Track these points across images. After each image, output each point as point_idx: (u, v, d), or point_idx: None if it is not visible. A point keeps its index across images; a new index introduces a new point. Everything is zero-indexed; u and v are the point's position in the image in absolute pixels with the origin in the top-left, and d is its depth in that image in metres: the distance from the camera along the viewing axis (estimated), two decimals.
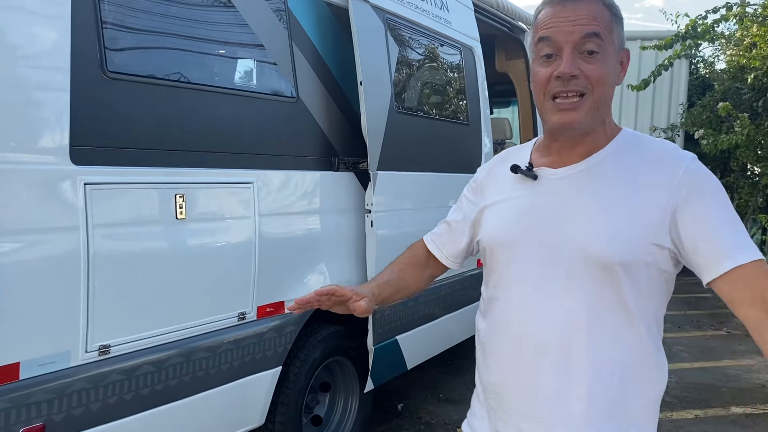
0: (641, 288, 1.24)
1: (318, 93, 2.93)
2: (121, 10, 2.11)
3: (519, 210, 1.35)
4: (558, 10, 1.24)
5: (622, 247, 1.21)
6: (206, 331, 2.38)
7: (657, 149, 1.28)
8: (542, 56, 1.26)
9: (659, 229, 1.20)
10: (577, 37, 1.21)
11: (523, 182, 1.37)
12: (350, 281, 3.10)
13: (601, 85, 1.23)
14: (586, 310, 1.24)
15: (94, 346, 2.01)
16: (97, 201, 1.99)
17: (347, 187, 3.10)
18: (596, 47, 1.22)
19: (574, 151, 1.31)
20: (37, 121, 1.87)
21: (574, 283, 1.25)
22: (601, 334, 1.24)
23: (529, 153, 1.42)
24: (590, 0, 1.24)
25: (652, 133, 9.72)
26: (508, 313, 1.34)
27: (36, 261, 1.87)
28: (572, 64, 1.21)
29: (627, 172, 1.26)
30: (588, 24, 1.21)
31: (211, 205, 2.39)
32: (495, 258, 1.39)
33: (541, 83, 1.26)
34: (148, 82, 2.17)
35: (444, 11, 3.90)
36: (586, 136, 1.29)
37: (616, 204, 1.23)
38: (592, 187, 1.27)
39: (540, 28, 1.27)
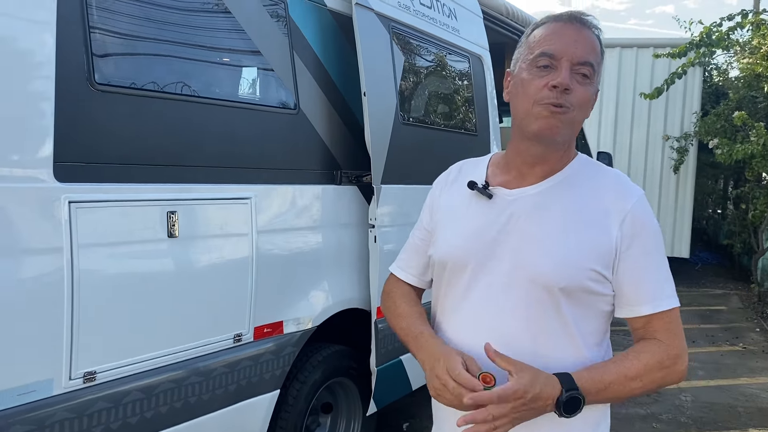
0: (583, 311, 1.30)
1: (320, 104, 2.83)
2: (111, 16, 2.01)
3: (471, 227, 1.38)
4: (563, 27, 1.29)
5: (567, 272, 1.27)
6: (200, 354, 2.27)
7: (610, 179, 1.35)
8: (539, 66, 1.28)
9: (605, 258, 1.28)
10: (577, 58, 1.26)
11: (478, 199, 1.40)
12: (352, 299, 2.99)
13: (583, 108, 1.29)
14: (530, 331, 1.30)
15: (78, 373, 1.91)
16: (82, 220, 1.89)
17: (350, 201, 2.99)
18: (588, 74, 1.28)
19: (534, 171, 1.35)
20: (19, 136, 1.77)
21: (519, 305, 1.30)
22: (544, 354, 1.29)
23: (485, 168, 1.45)
24: (591, 29, 1.31)
25: (666, 142, 9.57)
26: (458, 326, 1.38)
27: (15, 284, 1.76)
28: (570, 77, 1.25)
29: (578, 199, 1.32)
30: (588, 51, 1.27)
31: (205, 222, 2.28)
32: (445, 272, 1.42)
33: (535, 91, 1.27)
34: (138, 94, 2.07)
35: (452, 19, 3.79)
36: (553, 153, 1.33)
37: (565, 230, 1.29)
38: (543, 211, 1.32)
39: (541, 41, 1.29)
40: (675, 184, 9.71)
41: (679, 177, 9.65)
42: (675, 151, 9.44)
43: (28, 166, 1.79)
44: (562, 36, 1.28)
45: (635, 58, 9.73)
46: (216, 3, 2.36)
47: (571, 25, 1.29)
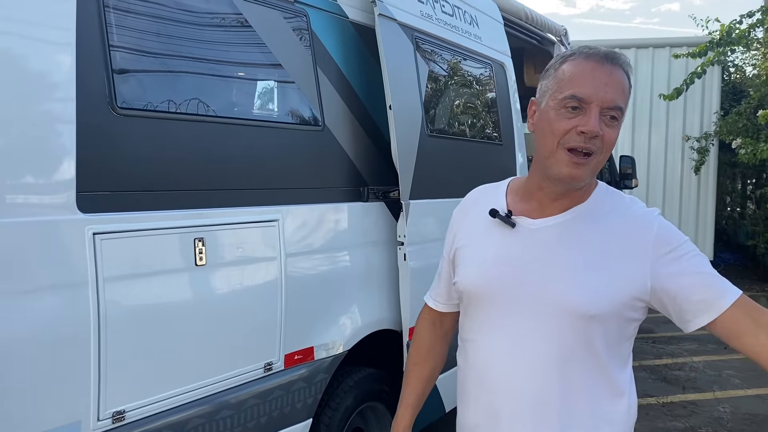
0: (611, 336, 1.31)
1: (345, 119, 2.73)
2: (131, 37, 1.92)
3: (495, 256, 1.38)
4: (595, 68, 1.26)
5: (603, 301, 1.27)
6: (230, 386, 2.17)
7: (632, 210, 1.36)
8: (568, 107, 1.26)
9: (638, 284, 1.28)
10: (608, 102, 1.24)
11: (500, 227, 1.39)
12: (383, 320, 2.88)
13: (608, 149, 1.28)
14: (558, 358, 1.30)
15: (107, 413, 1.81)
16: (107, 252, 1.79)
17: (377, 218, 2.88)
18: (617, 116, 1.27)
19: (556, 204, 1.35)
20: (40, 166, 1.68)
21: (548, 333, 1.30)
22: (572, 380, 1.31)
23: (504, 196, 1.45)
24: (622, 69, 1.28)
25: (685, 143, 9.41)
26: (484, 358, 1.39)
27: (39, 321, 1.67)
28: (598, 124, 1.24)
29: (603, 228, 1.32)
30: (618, 94, 1.26)
31: (233, 247, 2.18)
32: (470, 302, 1.43)
33: (561, 133, 1.27)
34: (161, 117, 1.98)
35: (474, 26, 3.69)
36: (574, 191, 1.34)
37: (594, 260, 1.29)
38: (570, 240, 1.32)
39: (573, 82, 1.26)
40: (696, 185, 9.55)
41: (700, 178, 9.48)
42: (695, 152, 9.27)
43: (50, 198, 1.70)
44: (593, 78, 1.25)
45: (651, 58, 9.59)
46: (238, 20, 2.27)
47: (603, 66, 1.26)
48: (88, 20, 1.79)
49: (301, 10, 2.55)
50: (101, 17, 1.83)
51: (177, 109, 2.03)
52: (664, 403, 4.65)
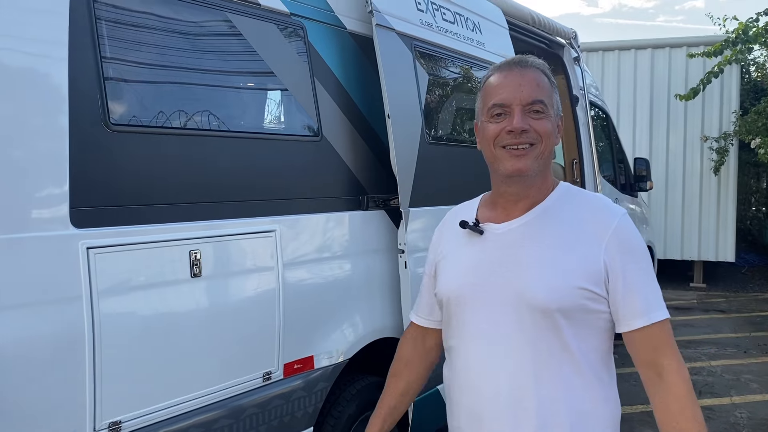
0: (581, 330, 1.37)
1: (343, 129, 2.75)
2: (124, 55, 1.96)
3: (467, 264, 1.48)
4: (506, 75, 1.42)
5: (558, 294, 1.35)
6: (228, 395, 2.19)
7: (591, 203, 1.45)
8: (494, 115, 1.40)
9: (594, 277, 1.36)
10: (525, 99, 1.37)
11: (471, 237, 1.50)
12: (384, 328, 2.89)
13: (547, 138, 1.39)
14: (531, 354, 1.37)
15: (103, 425, 1.84)
16: (101, 266, 1.83)
17: (378, 226, 2.90)
18: (541, 109, 1.39)
19: (518, 206, 1.45)
20: (32, 182, 1.72)
21: (520, 331, 1.38)
22: (546, 376, 1.37)
23: (476, 208, 1.56)
24: (533, 68, 1.42)
25: (704, 143, 9.28)
26: (465, 362, 1.47)
27: (34, 337, 1.70)
28: (522, 120, 1.37)
29: (562, 225, 1.40)
30: (533, 90, 1.38)
31: (229, 259, 2.21)
32: (449, 310, 1.51)
33: (492, 136, 1.40)
34: (155, 132, 2.01)
35: (476, 33, 3.70)
36: (530, 187, 1.43)
37: (553, 255, 1.37)
38: (531, 240, 1.41)
39: (492, 93, 1.42)
40: (716, 186, 9.40)
41: (720, 178, 9.34)
42: (714, 152, 9.14)
43: (44, 213, 1.74)
44: (508, 84, 1.39)
45: (668, 58, 9.48)
46: (234, 33, 2.30)
47: (512, 71, 1.41)
48: (80, 34, 1.83)
49: (297, 23, 2.58)
50: (93, 31, 1.86)
51: (171, 123, 2.06)
52: None
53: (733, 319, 7.45)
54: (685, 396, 1.36)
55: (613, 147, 6.42)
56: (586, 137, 5.25)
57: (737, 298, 8.75)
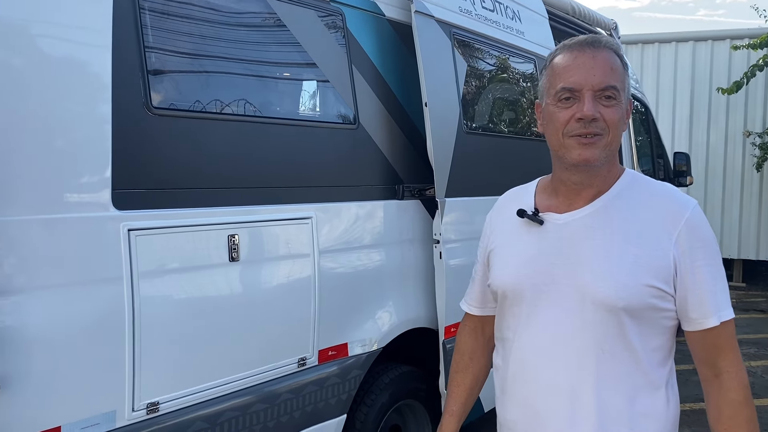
0: (645, 329, 1.31)
1: (380, 117, 2.73)
2: (166, 38, 1.97)
3: (526, 255, 1.40)
4: (577, 56, 1.31)
5: (626, 292, 1.27)
6: (263, 380, 2.20)
7: (660, 194, 1.36)
8: (562, 99, 1.31)
9: (663, 273, 1.28)
10: (597, 85, 1.28)
11: (529, 226, 1.41)
12: (419, 318, 2.88)
13: (616, 128, 1.30)
14: (594, 351, 1.31)
15: (141, 404, 1.87)
16: (142, 248, 1.85)
17: (413, 216, 2.88)
18: (613, 95, 1.30)
19: (582, 194, 1.37)
20: (76, 164, 1.75)
21: (581, 326, 1.31)
22: (608, 374, 1.31)
23: (533, 195, 1.47)
24: (606, 48, 1.32)
25: (746, 139, 9.03)
26: (521, 355, 1.40)
27: (76, 316, 1.73)
28: (593, 107, 1.28)
29: (630, 217, 1.32)
30: (606, 74, 1.29)
31: (266, 244, 2.22)
32: (504, 301, 1.45)
33: (561, 124, 1.31)
34: (195, 116, 2.02)
35: (516, 21, 3.64)
36: (596, 177, 1.35)
37: (620, 249, 1.30)
38: (595, 232, 1.33)
39: (560, 75, 1.32)
40: (759, 183, 9.15)
41: (763, 175, 9.08)
42: (757, 148, 8.88)
43: (87, 196, 1.77)
44: (578, 67, 1.30)
45: (710, 51, 9.24)
46: (272, 19, 2.30)
47: (584, 53, 1.31)
48: (124, 21, 1.85)
49: (336, 9, 2.57)
50: (137, 18, 1.88)
51: (211, 109, 2.07)
52: None
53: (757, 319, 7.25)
54: (740, 402, 1.30)
55: (653, 141, 6.28)
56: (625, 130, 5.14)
57: (757, 296, 8.51)
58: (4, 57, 1.62)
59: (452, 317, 2.90)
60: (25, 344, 1.64)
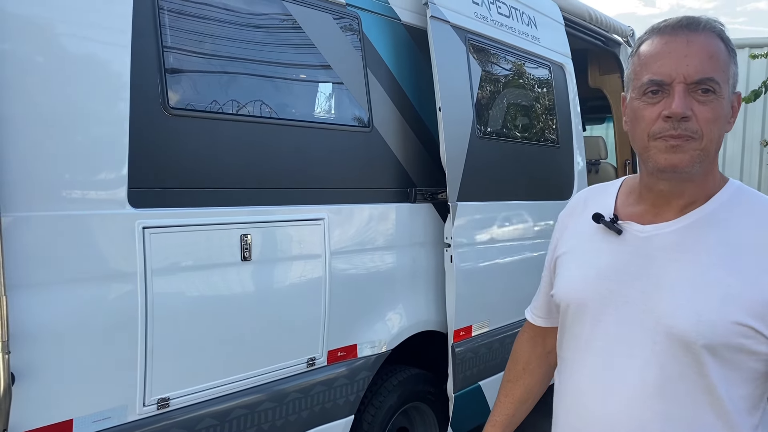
0: (732, 373, 1.08)
1: (394, 121, 2.75)
2: (184, 41, 2.00)
3: (597, 267, 1.22)
4: (668, 42, 1.10)
5: (709, 328, 1.06)
6: (273, 379, 2.23)
7: (767, 212, 1.13)
8: (648, 93, 1.11)
9: (760, 310, 1.05)
10: (691, 76, 1.07)
11: (605, 234, 1.22)
12: (428, 321, 2.88)
13: (713, 130, 1.09)
14: (663, 391, 1.10)
15: (152, 400, 1.90)
16: (156, 245, 1.88)
17: (425, 219, 2.89)
18: (712, 88, 1.08)
19: (672, 204, 1.16)
20: (93, 161, 1.78)
21: (651, 360, 1.11)
22: (679, 419, 1.09)
23: (614, 197, 1.28)
24: (706, 32, 1.10)
25: (764, 148, 8.95)
26: (578, 380, 1.22)
27: (90, 311, 1.77)
28: (684, 104, 1.06)
29: (728, 239, 1.10)
30: (703, 63, 1.07)
31: (278, 244, 2.24)
32: (566, 316, 1.28)
33: (648, 123, 1.11)
34: (211, 117, 2.05)
35: (532, 27, 3.64)
36: (687, 185, 1.14)
37: (710, 276, 1.08)
38: (683, 253, 1.12)
39: (647, 64, 1.11)
40: None
41: None
42: None
43: (104, 193, 1.80)
44: (669, 54, 1.09)
45: None
46: (289, 21, 2.33)
47: (677, 37, 1.09)
48: (143, 22, 1.88)
49: (352, 13, 2.59)
50: (156, 19, 1.92)
51: (227, 110, 2.10)
52: None
53: None
54: None
55: None
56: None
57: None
58: (25, 54, 1.66)
59: (462, 321, 2.91)
60: (40, 338, 1.67)
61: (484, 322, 3.09)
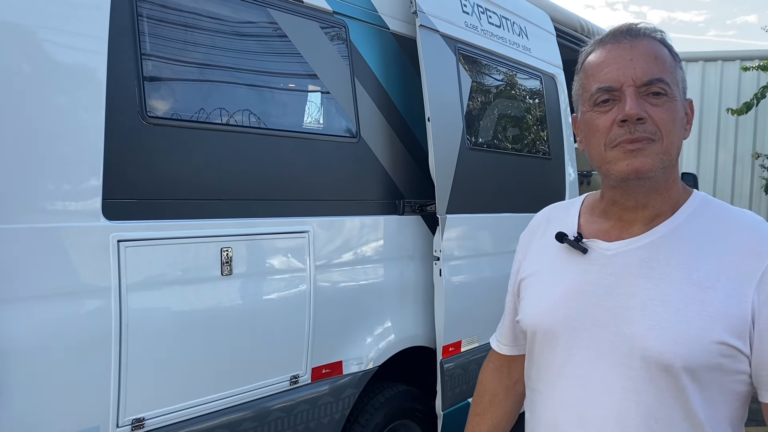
0: (711, 395, 1.04)
1: (382, 131, 2.69)
2: (164, 46, 1.94)
3: (563, 289, 1.16)
4: (612, 49, 1.08)
5: (688, 349, 1.01)
6: (254, 398, 2.15)
7: (738, 222, 1.09)
8: (599, 101, 1.08)
9: (738, 327, 1.01)
10: (640, 78, 1.04)
11: (570, 254, 1.17)
12: (416, 336, 2.82)
13: (671, 131, 1.05)
14: (643, 417, 1.05)
15: (126, 420, 1.81)
16: (131, 259, 1.81)
17: (413, 232, 2.83)
18: (662, 89, 1.05)
19: (637, 217, 1.12)
20: (66, 172, 1.71)
21: (628, 385, 1.06)
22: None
23: (576, 215, 1.23)
24: (647, 37, 1.08)
25: (755, 160, 8.96)
26: (552, 413, 1.15)
27: (62, 327, 1.69)
28: (638, 105, 1.03)
29: (699, 253, 1.06)
30: (650, 65, 1.05)
31: (261, 258, 2.17)
32: (534, 344, 1.21)
33: (603, 132, 1.07)
34: (191, 126, 1.99)
35: (523, 38, 3.60)
36: (652, 195, 1.09)
37: (685, 294, 1.03)
38: (653, 269, 1.07)
39: (594, 74, 1.09)
40: (767, 206, 9.06)
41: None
42: (766, 170, 8.81)
43: (76, 204, 1.73)
44: (614, 60, 1.07)
45: (720, 71, 9.20)
46: (274, 29, 2.27)
47: (620, 44, 1.07)
48: (120, 29, 1.82)
49: (339, 21, 2.54)
50: (134, 26, 1.85)
51: (208, 119, 2.04)
52: None
53: None
54: None
55: None
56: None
57: None
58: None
59: (451, 336, 2.84)
60: (7, 356, 1.59)
61: (474, 337, 3.02)
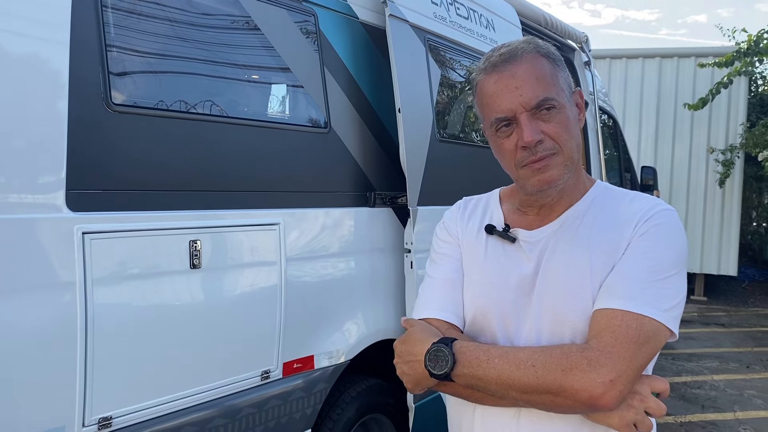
0: None
1: (352, 122, 2.66)
2: (129, 34, 1.87)
3: (496, 276, 1.28)
4: (498, 80, 1.19)
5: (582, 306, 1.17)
6: (224, 394, 2.09)
7: (634, 201, 1.24)
8: (501, 128, 1.20)
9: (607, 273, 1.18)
10: (528, 103, 1.16)
11: (499, 243, 1.30)
12: (388, 329, 2.79)
13: (567, 139, 1.19)
14: None
15: (92, 419, 1.75)
16: (97, 252, 1.74)
17: (384, 224, 2.81)
18: (551, 105, 1.18)
19: (553, 209, 1.27)
20: (28, 162, 1.63)
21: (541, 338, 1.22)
22: None
23: (498, 207, 1.36)
24: (525, 57, 1.19)
25: (710, 155, 9.21)
26: None
27: (24, 323, 1.61)
28: (533, 131, 1.16)
29: (602, 227, 1.21)
30: (533, 88, 1.16)
31: (230, 251, 2.12)
32: (474, 328, 1.30)
33: (510, 154, 1.21)
34: (158, 114, 1.92)
35: (490, 30, 3.61)
36: (564, 192, 1.25)
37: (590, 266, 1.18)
38: (568, 247, 1.22)
39: (489, 105, 1.21)
40: (720, 199, 9.33)
41: (725, 191, 9.27)
42: (720, 164, 9.07)
43: (39, 195, 1.65)
44: (502, 91, 1.18)
45: (676, 68, 9.42)
46: (242, 18, 2.22)
47: (503, 74, 1.18)
48: (83, 16, 1.74)
49: (309, 9, 2.49)
50: (98, 13, 1.78)
51: (175, 107, 1.97)
52: (682, 422, 4.50)
53: (734, 333, 7.37)
54: (546, 354, 1.12)
55: (621, 155, 6.34)
56: (594, 143, 5.16)
57: (738, 312, 8.67)
58: None
59: None
60: None
61: None
